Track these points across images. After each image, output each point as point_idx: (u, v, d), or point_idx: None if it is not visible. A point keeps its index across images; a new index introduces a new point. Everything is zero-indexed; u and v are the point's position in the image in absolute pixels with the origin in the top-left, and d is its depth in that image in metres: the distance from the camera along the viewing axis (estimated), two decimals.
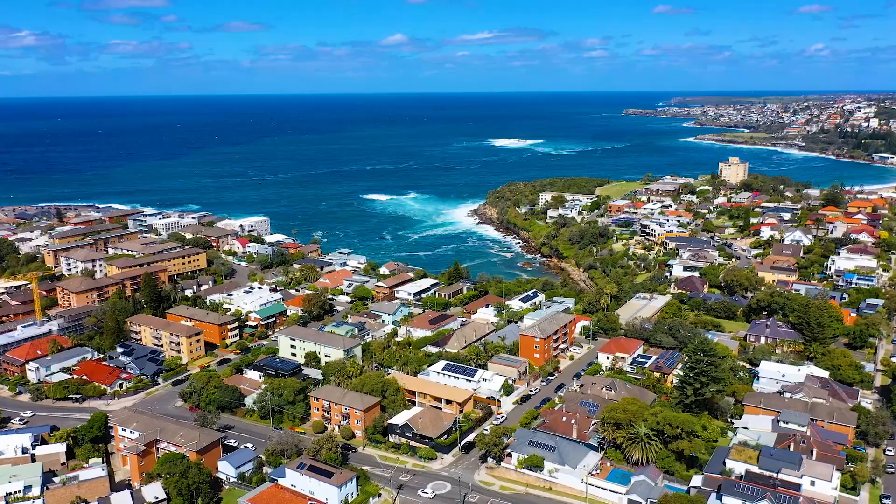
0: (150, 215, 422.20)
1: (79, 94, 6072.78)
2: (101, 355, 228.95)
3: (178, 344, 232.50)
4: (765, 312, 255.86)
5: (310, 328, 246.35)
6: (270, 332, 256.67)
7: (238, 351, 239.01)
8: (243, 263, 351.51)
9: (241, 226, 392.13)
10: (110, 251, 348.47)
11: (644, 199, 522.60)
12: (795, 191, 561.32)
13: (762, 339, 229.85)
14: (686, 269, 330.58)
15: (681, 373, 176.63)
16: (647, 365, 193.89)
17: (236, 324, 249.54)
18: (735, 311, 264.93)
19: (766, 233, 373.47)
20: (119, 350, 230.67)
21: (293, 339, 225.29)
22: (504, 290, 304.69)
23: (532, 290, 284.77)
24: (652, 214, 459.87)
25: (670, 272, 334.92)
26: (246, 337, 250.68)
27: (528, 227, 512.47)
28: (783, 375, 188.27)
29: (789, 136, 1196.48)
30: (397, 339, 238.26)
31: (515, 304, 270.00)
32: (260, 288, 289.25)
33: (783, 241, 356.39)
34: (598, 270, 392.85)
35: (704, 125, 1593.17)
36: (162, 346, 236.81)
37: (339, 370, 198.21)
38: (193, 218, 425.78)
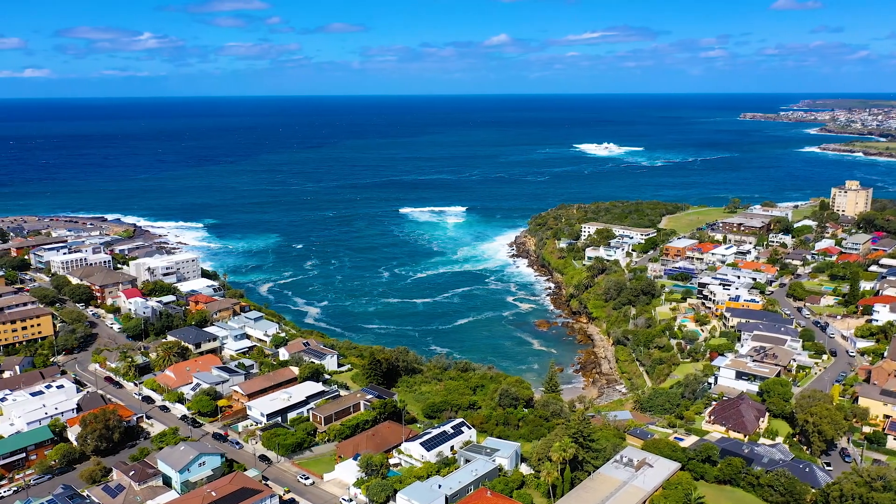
0: (51, 250, 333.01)
1: (200, 94, 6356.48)
2: None
3: None
4: None
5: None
6: (7, 481, 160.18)
7: None
8: (117, 327, 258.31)
9: (149, 268, 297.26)
10: None
11: (719, 237, 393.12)
12: None
13: None
14: (740, 376, 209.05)
15: None
16: None
17: None
18: (802, 497, 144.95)
19: (882, 314, 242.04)
20: None
21: None
22: (434, 404, 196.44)
23: (458, 422, 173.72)
24: (723, 263, 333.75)
25: (716, 378, 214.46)
26: None
27: (562, 267, 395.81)
28: None
29: None
30: None
31: (416, 449, 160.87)
32: (60, 388, 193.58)
33: None
34: (627, 348, 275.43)
35: (832, 132, 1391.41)
36: None
37: None
38: (108, 254, 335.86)
